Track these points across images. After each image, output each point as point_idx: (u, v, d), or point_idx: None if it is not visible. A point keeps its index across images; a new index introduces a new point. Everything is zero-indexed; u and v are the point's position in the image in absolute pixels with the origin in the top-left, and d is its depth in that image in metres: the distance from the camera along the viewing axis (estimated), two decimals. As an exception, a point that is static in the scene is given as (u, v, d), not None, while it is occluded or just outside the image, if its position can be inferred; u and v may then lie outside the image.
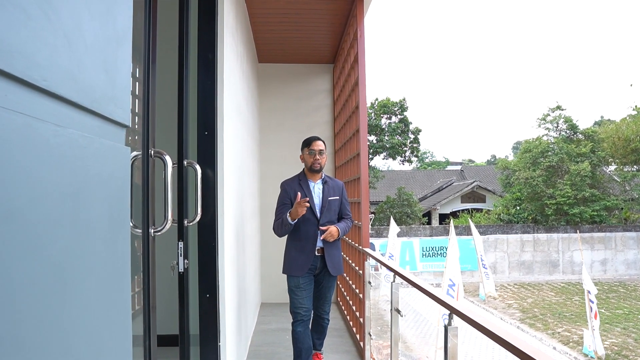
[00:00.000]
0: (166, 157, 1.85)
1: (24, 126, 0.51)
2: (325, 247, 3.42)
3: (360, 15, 4.44)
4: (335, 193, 3.49)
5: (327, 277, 3.50)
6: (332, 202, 3.45)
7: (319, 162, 3.41)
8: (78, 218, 0.62)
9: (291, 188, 3.42)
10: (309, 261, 3.38)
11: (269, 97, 6.46)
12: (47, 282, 0.54)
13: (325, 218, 3.42)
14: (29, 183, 0.50)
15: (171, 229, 2.09)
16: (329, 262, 3.42)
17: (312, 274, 3.45)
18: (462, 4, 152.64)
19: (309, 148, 3.43)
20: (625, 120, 21.84)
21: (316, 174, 3.47)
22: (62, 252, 0.58)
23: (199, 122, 2.78)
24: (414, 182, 33.27)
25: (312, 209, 3.37)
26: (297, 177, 3.51)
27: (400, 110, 26.35)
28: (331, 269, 3.43)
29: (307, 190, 3.40)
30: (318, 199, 3.43)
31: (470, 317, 1.48)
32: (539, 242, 19.88)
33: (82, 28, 0.65)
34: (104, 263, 0.71)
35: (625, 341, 12.11)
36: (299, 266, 3.38)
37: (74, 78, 0.62)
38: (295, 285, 3.41)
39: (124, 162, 0.81)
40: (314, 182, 3.46)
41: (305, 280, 3.41)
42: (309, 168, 3.44)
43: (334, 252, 3.46)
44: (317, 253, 3.41)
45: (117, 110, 0.78)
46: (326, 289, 3.54)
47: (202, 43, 2.81)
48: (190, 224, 2.41)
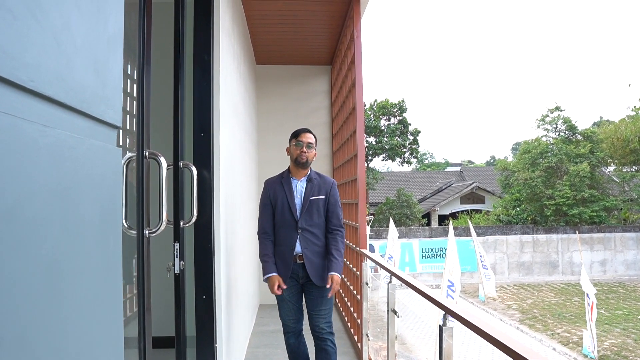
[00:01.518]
0: (161, 159, 1.85)
1: (10, 126, 0.51)
2: (305, 254, 3.03)
3: (357, 17, 4.45)
4: (320, 192, 3.09)
5: (314, 287, 3.07)
6: (313, 202, 3.06)
7: (305, 155, 3.04)
8: (67, 218, 0.62)
9: (272, 187, 3.12)
10: (288, 269, 3.02)
11: (266, 99, 6.47)
12: (36, 283, 0.54)
13: (305, 221, 3.03)
14: (16, 183, 0.50)
15: (167, 231, 2.09)
16: (311, 270, 3.03)
17: (296, 281, 3.08)
18: (460, 4, 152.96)
19: (297, 139, 3.09)
20: (624, 121, 21.86)
21: (301, 170, 3.11)
22: (52, 252, 0.58)
23: (195, 123, 2.79)
24: (413, 183, 33.28)
25: (291, 209, 3.04)
26: (280, 175, 3.18)
27: (399, 112, 26.37)
28: (314, 278, 3.03)
29: (287, 190, 3.08)
30: (299, 198, 3.07)
31: (465, 318, 1.48)
32: (539, 243, 19.88)
33: (72, 28, 0.65)
34: (95, 263, 0.71)
35: (625, 342, 12.10)
36: (279, 273, 3.03)
37: (62, 78, 0.62)
38: (280, 298, 3.08)
39: (115, 163, 0.81)
40: (297, 180, 3.11)
41: (292, 289, 3.07)
42: (294, 161, 3.09)
43: (315, 260, 3.05)
44: (299, 260, 3.04)
45: (107, 111, 0.78)
46: (317, 300, 3.06)
47: (198, 44, 2.82)
48: (186, 226, 2.41)
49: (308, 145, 3.08)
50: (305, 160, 3.07)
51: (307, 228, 3.04)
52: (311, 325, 3.09)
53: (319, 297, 3.06)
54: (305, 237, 3.04)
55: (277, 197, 3.08)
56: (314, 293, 3.07)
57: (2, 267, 0.47)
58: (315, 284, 3.04)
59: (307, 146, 3.07)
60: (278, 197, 3.07)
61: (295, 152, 3.07)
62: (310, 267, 3.03)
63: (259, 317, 5.67)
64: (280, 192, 3.08)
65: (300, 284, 3.09)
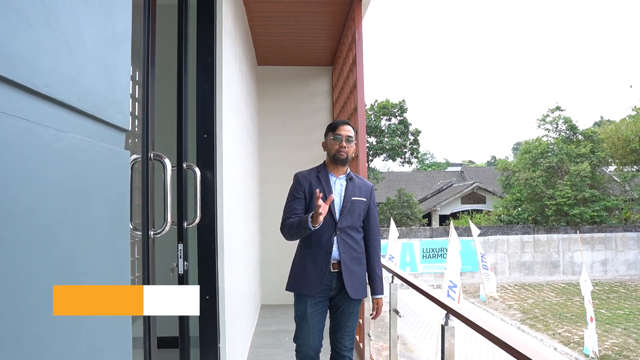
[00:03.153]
0: (165, 160, 1.86)
1: (26, 131, 0.52)
2: (343, 260, 2.61)
3: (359, 18, 4.47)
4: (362, 194, 2.72)
5: (347, 301, 2.66)
6: (355, 203, 2.68)
7: (345, 151, 2.67)
8: (79, 220, 0.63)
9: (306, 180, 2.69)
10: (323, 277, 2.58)
11: (268, 100, 6.48)
12: (49, 283, 0.55)
13: (345, 222, 2.64)
14: (31, 186, 0.52)
15: (171, 232, 2.10)
16: (348, 281, 2.60)
17: (326, 296, 2.65)
18: (461, 5, 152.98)
19: (334, 133, 2.71)
20: (625, 121, 21.87)
21: (340, 167, 2.73)
22: (64, 253, 0.59)
23: (198, 125, 2.80)
24: (414, 183, 33.28)
25: (330, 208, 2.61)
26: (315, 169, 2.77)
27: (400, 112, 26.40)
28: (351, 291, 2.60)
29: (326, 186, 2.66)
30: (339, 197, 2.68)
31: (467, 317, 1.49)
32: (539, 242, 19.89)
33: (83, 33, 0.66)
34: (105, 264, 0.72)
35: (626, 341, 12.11)
36: (310, 282, 2.59)
37: (75, 83, 0.64)
38: (302, 312, 2.63)
39: (123, 166, 0.82)
40: (336, 177, 2.72)
41: (317, 305, 2.62)
42: (332, 157, 2.71)
43: (354, 268, 2.64)
44: (333, 269, 2.61)
45: (116, 114, 0.79)
46: (346, 316, 2.68)
47: (201, 47, 2.83)
48: (189, 226, 2.43)
49: (347, 139, 2.69)
50: (345, 157, 2.69)
51: (346, 230, 2.64)
52: (332, 339, 2.74)
53: (349, 313, 2.68)
54: (344, 240, 2.63)
55: (313, 191, 2.62)
56: (345, 308, 2.68)
57: (17, 267, 0.49)
58: (348, 298, 2.64)
59: (347, 140, 2.69)
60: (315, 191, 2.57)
61: (334, 147, 2.69)
62: (348, 276, 2.61)
63: (260, 317, 5.68)
64: (317, 187, 2.63)
65: (329, 298, 2.69)
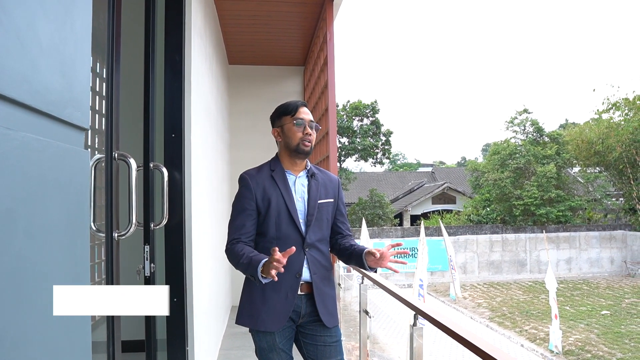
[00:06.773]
0: (130, 160, 1.82)
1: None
2: (315, 283, 2.03)
3: (330, 19, 4.47)
4: (329, 193, 2.13)
5: (322, 329, 2.05)
6: (323, 207, 2.09)
7: (310, 139, 2.06)
8: (32, 224, 0.61)
9: (258, 184, 2.03)
10: (290, 307, 1.99)
11: (239, 99, 6.43)
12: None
13: (314, 235, 2.04)
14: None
15: (138, 233, 2.06)
16: (322, 307, 2.03)
17: (292, 323, 2.05)
18: (431, 8, 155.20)
19: (294, 117, 2.06)
20: (589, 124, 22.55)
21: (299, 162, 2.10)
22: (15, 259, 0.57)
23: (165, 124, 2.75)
24: (386, 183, 33.57)
25: (293, 218, 2.01)
26: (267, 167, 2.10)
27: (372, 113, 26.58)
28: (325, 317, 2.03)
29: (284, 189, 2.04)
30: (302, 202, 2.06)
31: (434, 318, 1.51)
32: (508, 242, 20.32)
33: (37, 29, 0.64)
34: (62, 269, 0.69)
35: (589, 337, 12.48)
36: (272, 315, 1.98)
37: (27, 80, 0.61)
38: (268, 347, 2.00)
39: (82, 166, 0.80)
40: (294, 176, 2.10)
41: (284, 336, 2.03)
42: (294, 149, 2.06)
43: (326, 290, 2.07)
44: (301, 291, 2.02)
45: (75, 113, 0.77)
46: (326, 349, 2.05)
47: (169, 44, 2.78)
48: (156, 228, 2.38)
49: (311, 124, 2.08)
50: (310, 148, 2.08)
51: (316, 245, 2.06)
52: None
53: (329, 345, 2.05)
54: (314, 257, 2.04)
55: (268, 198, 2.02)
56: (322, 338, 2.05)
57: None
58: (324, 325, 2.04)
59: (310, 125, 2.08)
60: (271, 199, 2.02)
61: (296, 135, 2.05)
62: (320, 300, 2.03)
63: (231, 318, 5.63)
64: (273, 192, 2.03)
65: (295, 325, 2.08)
